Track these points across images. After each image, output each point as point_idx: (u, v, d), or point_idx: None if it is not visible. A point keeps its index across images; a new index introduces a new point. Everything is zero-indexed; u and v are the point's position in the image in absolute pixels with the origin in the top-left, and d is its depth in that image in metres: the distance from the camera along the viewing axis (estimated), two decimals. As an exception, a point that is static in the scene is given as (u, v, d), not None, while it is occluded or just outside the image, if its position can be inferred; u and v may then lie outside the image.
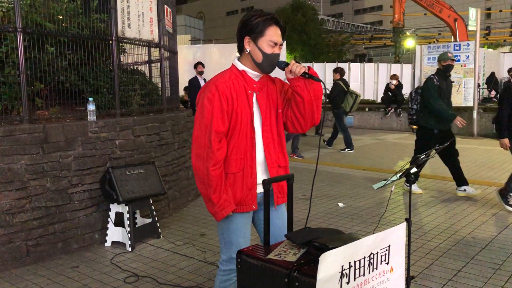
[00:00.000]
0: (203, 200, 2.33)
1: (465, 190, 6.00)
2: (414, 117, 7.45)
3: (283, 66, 2.29)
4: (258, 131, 2.34)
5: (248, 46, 2.28)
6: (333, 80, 10.08)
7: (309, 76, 2.24)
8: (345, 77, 10.36)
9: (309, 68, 2.27)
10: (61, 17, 4.62)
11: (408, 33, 29.36)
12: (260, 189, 2.34)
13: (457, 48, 12.50)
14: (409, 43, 27.58)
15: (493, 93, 17.68)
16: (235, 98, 2.25)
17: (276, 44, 2.26)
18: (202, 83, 10.72)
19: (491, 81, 18.17)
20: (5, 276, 3.67)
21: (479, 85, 13.86)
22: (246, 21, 2.27)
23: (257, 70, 2.33)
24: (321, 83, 2.30)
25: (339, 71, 10.03)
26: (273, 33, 2.25)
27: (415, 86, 11.96)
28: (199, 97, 2.32)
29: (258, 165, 2.35)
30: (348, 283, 1.66)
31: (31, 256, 3.95)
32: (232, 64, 2.37)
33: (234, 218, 2.35)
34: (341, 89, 9.84)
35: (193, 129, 2.31)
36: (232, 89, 2.26)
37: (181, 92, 11.28)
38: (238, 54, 2.38)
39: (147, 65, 5.98)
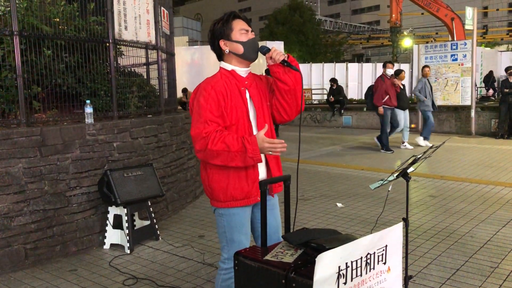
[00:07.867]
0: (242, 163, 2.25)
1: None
2: None
3: (265, 51, 2.37)
4: (254, 124, 2.40)
5: (226, 46, 2.37)
6: None
7: (287, 64, 2.31)
8: (343, 77, 10.36)
9: (288, 56, 2.34)
10: (57, 20, 4.62)
11: (405, 33, 29.39)
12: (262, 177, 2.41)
13: (454, 47, 12.50)
14: (406, 42, 27.62)
15: (490, 91, 17.71)
16: (230, 96, 2.31)
17: (247, 30, 2.37)
18: None
19: (489, 79, 18.19)
20: (4, 280, 3.67)
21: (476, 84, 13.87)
22: (212, 31, 2.40)
23: (244, 63, 2.40)
24: (299, 72, 2.36)
25: None
26: (239, 24, 2.36)
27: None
28: (193, 98, 2.36)
29: None
30: (345, 283, 1.67)
31: (30, 260, 3.94)
32: (220, 67, 2.45)
33: (236, 215, 2.37)
34: None
35: (191, 129, 2.31)
36: (226, 87, 2.32)
37: (179, 94, 11.29)
38: (220, 62, 2.46)
39: (145, 67, 5.98)
